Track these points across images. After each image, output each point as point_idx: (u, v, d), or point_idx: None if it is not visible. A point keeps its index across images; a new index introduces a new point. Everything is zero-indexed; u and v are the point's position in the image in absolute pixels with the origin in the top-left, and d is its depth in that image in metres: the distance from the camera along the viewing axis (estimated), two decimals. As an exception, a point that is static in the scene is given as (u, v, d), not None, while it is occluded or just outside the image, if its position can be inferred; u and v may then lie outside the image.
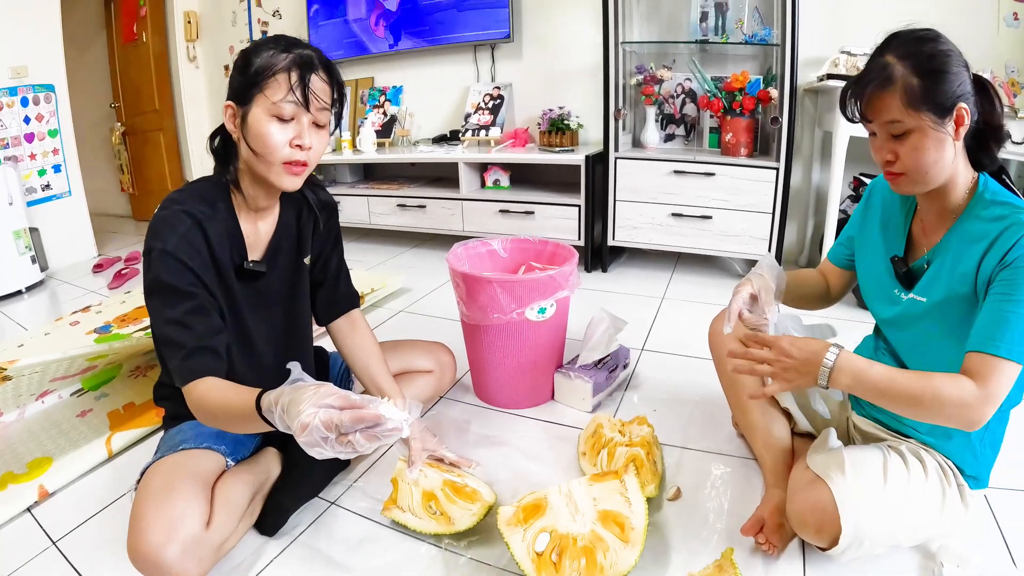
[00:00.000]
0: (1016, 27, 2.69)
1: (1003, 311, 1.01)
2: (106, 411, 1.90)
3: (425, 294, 3.05)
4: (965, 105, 1.03)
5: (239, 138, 1.23)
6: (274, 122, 1.18)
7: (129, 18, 4.99)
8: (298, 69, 1.17)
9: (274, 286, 1.41)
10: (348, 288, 1.60)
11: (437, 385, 1.85)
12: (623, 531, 1.20)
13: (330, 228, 1.53)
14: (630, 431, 1.59)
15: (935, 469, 1.17)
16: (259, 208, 1.34)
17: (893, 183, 1.13)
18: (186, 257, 1.18)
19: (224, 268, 1.28)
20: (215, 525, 1.19)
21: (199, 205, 1.23)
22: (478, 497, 1.36)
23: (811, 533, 1.15)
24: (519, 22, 3.66)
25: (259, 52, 1.19)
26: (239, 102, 1.20)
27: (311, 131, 1.22)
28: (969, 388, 1.00)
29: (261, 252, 1.38)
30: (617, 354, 1.99)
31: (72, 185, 4.00)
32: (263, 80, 1.17)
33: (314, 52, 1.22)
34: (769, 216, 2.84)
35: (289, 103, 1.17)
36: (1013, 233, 1.01)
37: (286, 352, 1.44)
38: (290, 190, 1.27)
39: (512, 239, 2.12)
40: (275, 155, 1.20)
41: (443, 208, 3.61)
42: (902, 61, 1.03)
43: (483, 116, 3.74)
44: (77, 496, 1.57)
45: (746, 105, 2.91)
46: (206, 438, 1.34)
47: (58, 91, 3.84)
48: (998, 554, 1.26)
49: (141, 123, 5.21)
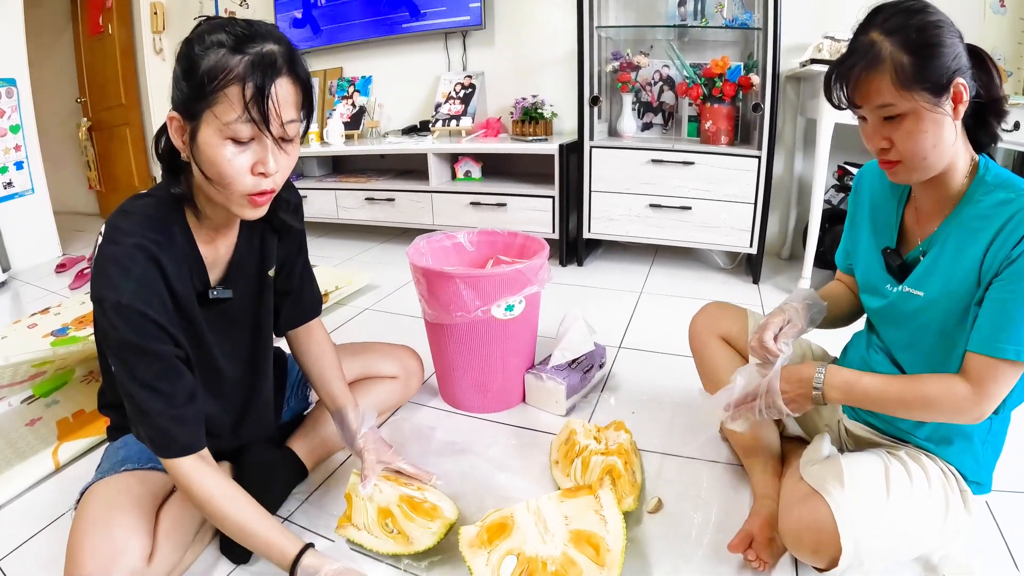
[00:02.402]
0: (1003, 13, 2.65)
1: (1007, 309, 0.95)
2: (55, 419, 1.80)
3: (392, 291, 2.94)
4: (962, 80, 0.94)
5: (188, 158, 1.01)
6: (229, 145, 0.96)
7: (95, 10, 4.86)
8: (255, 78, 0.93)
9: (239, 306, 1.26)
10: (313, 294, 1.45)
11: (403, 392, 1.74)
12: (598, 553, 1.09)
13: (296, 231, 1.35)
14: (606, 437, 1.49)
15: (938, 476, 1.09)
16: (217, 228, 1.15)
17: (889, 172, 1.04)
18: (146, 307, 0.99)
19: (184, 300, 1.10)
20: (159, 557, 1.11)
21: (150, 233, 1.03)
22: (438, 514, 1.25)
23: (807, 553, 1.05)
24: (491, 8, 3.58)
25: (205, 51, 0.94)
26: (185, 116, 0.97)
27: (275, 151, 0.99)
28: (962, 392, 0.98)
29: (222, 272, 1.21)
30: (592, 353, 1.90)
31: (35, 183, 3.86)
32: (211, 94, 0.93)
33: (276, 46, 0.96)
34: (751, 206, 2.77)
35: (246, 123, 0.95)
36: (1022, 220, 0.93)
37: (251, 367, 1.33)
38: (253, 219, 1.09)
39: (479, 231, 2.01)
40: (234, 186, 0.99)
41: (412, 201, 3.52)
42: (889, 37, 0.94)
43: (454, 106, 3.64)
44: (22, 511, 1.47)
45: (726, 92, 2.83)
46: (151, 455, 1.23)
47: (20, 85, 3.71)
48: (1001, 559, 1.21)
49: (108, 118, 5.08)
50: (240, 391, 1.32)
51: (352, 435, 1.38)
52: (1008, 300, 0.95)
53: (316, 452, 1.52)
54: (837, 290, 1.36)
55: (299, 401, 1.59)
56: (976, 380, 0.98)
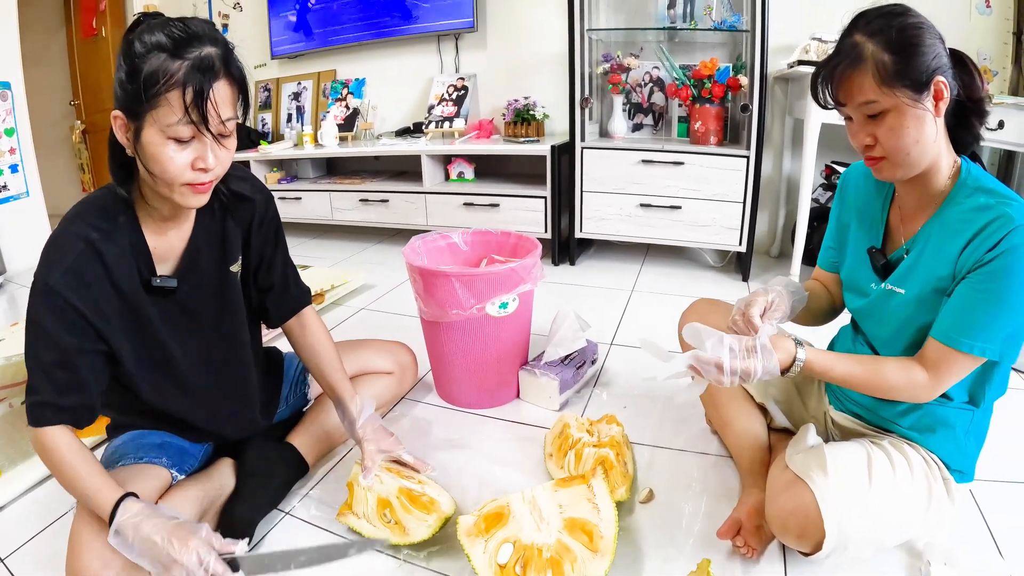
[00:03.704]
0: (988, 14, 2.70)
1: (972, 307, 0.99)
2: None
3: (388, 291, 2.96)
4: (943, 78, 0.97)
5: (133, 154, 1.04)
6: (171, 144, 1.00)
7: (88, 13, 4.85)
8: (194, 83, 0.96)
9: (196, 301, 1.25)
10: (298, 286, 1.47)
11: (398, 387, 1.76)
12: (592, 540, 1.12)
13: (268, 223, 1.35)
14: (599, 430, 1.52)
15: (920, 464, 1.12)
16: (166, 219, 1.16)
17: (874, 169, 1.07)
18: (70, 293, 1.03)
19: (127, 290, 1.12)
20: None
21: (97, 220, 1.08)
22: (435, 508, 1.27)
23: (793, 538, 1.09)
24: (483, 11, 3.59)
25: (146, 54, 0.96)
26: (128, 116, 1.00)
27: (214, 147, 1.04)
28: (920, 380, 1.04)
29: (173, 265, 1.21)
30: (585, 350, 1.92)
31: (30, 186, 3.83)
32: (152, 98, 0.96)
33: (214, 48, 1.00)
34: (740, 205, 2.80)
35: (186, 125, 0.99)
36: (998, 227, 0.96)
37: (224, 368, 1.33)
38: (196, 207, 1.11)
39: (473, 231, 2.04)
40: (175, 180, 1.03)
41: (406, 202, 3.53)
42: (872, 39, 0.97)
43: (447, 108, 3.66)
44: (25, 510, 1.47)
45: (715, 93, 2.87)
46: (147, 451, 1.25)
47: (14, 88, 3.68)
48: (985, 547, 1.24)
49: (101, 120, 5.05)
50: (211, 386, 1.31)
51: (352, 424, 1.40)
52: (974, 298, 0.98)
53: (317, 447, 1.54)
54: (814, 288, 1.37)
55: (298, 398, 1.61)
56: (933, 367, 1.03)
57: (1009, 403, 1.26)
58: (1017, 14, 2.61)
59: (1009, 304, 0.97)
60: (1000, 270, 0.96)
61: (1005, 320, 0.98)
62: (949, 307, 1.02)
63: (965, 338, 0.99)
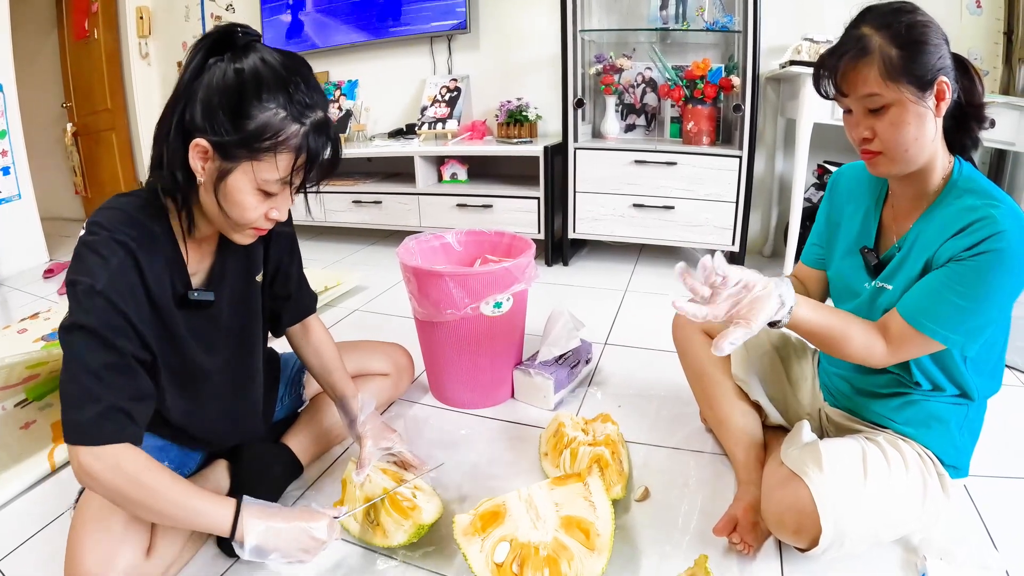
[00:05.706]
0: (979, 14, 2.72)
1: (940, 293, 1.00)
2: (50, 422, 1.78)
3: (381, 292, 2.95)
4: (946, 79, 0.98)
5: (206, 185, 1.01)
6: (258, 195, 1.00)
7: (80, 14, 4.82)
8: (307, 151, 0.97)
9: (224, 311, 1.23)
10: (309, 292, 1.47)
11: (394, 388, 1.76)
12: (588, 538, 1.12)
13: (287, 235, 1.35)
14: (594, 429, 1.52)
15: (915, 460, 1.12)
16: (202, 235, 1.13)
17: (870, 164, 1.07)
18: (118, 298, 0.97)
19: (162, 302, 1.07)
20: (156, 552, 1.13)
21: (129, 229, 1.00)
22: (415, 515, 1.25)
23: (789, 534, 1.09)
24: (476, 12, 3.60)
25: (261, 104, 0.94)
26: (219, 153, 0.96)
27: (285, 198, 1.05)
28: (878, 351, 1.05)
29: (204, 276, 1.18)
30: (579, 349, 1.92)
31: (22, 188, 3.82)
32: (261, 152, 0.95)
33: (327, 119, 1.01)
34: (732, 205, 2.81)
35: (283, 184, 1.00)
36: (981, 227, 0.96)
37: (238, 373, 1.32)
38: (244, 244, 1.12)
39: (467, 231, 2.03)
40: (247, 224, 1.04)
41: (399, 204, 3.53)
42: (879, 32, 0.97)
43: (440, 109, 3.65)
44: (20, 513, 1.46)
45: (708, 93, 2.88)
46: (150, 454, 1.23)
47: (7, 90, 3.68)
48: (980, 542, 1.24)
49: (93, 123, 5.04)
50: (226, 396, 1.30)
51: (353, 421, 1.39)
52: (947, 288, 0.99)
53: (312, 448, 1.53)
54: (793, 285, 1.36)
55: (293, 400, 1.60)
56: (894, 342, 1.04)
57: (1002, 399, 1.26)
58: (1007, 14, 2.63)
59: (978, 303, 0.98)
60: (976, 269, 0.96)
61: (969, 316, 0.98)
62: (920, 288, 1.02)
63: (930, 323, 1.00)
